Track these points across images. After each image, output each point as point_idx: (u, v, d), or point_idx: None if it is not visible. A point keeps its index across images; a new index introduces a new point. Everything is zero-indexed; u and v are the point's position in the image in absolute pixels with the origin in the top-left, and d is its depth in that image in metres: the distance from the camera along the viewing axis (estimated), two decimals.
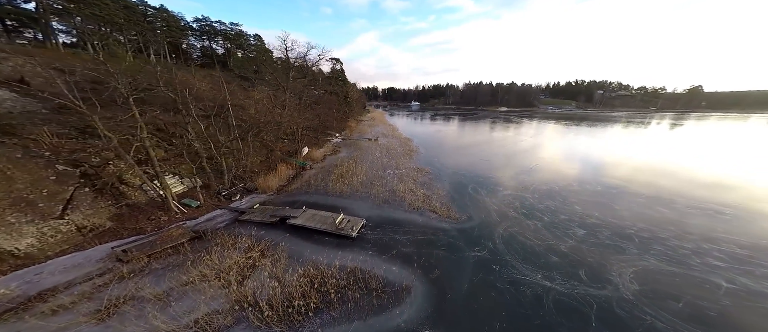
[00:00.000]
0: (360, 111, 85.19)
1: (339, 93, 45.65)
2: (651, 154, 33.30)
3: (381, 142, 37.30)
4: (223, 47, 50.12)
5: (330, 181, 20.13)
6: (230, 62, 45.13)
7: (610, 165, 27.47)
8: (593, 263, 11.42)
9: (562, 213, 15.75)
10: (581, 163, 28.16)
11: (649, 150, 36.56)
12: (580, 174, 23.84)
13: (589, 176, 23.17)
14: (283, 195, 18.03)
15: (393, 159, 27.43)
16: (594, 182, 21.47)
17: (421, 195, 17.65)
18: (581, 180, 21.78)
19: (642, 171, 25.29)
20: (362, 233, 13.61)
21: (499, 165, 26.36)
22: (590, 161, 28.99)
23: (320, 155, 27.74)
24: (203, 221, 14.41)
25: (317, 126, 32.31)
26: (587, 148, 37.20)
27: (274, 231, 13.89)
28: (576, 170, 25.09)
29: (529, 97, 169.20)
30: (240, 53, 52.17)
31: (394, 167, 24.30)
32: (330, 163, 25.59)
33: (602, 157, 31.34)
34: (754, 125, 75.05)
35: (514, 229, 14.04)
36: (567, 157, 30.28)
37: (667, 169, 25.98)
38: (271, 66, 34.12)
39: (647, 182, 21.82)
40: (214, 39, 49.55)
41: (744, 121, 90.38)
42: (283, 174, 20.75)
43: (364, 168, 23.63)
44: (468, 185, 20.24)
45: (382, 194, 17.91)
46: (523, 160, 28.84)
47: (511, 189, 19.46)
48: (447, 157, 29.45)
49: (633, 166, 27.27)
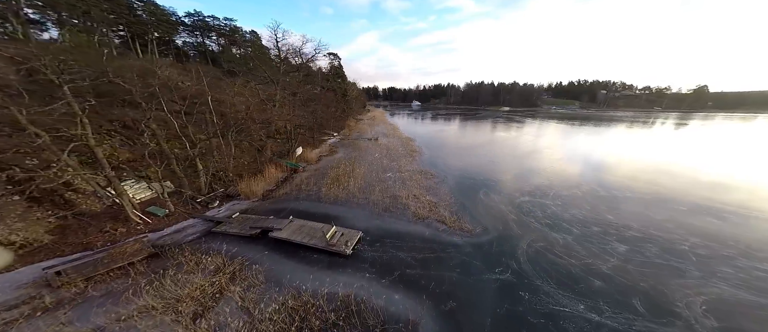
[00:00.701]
0: (360, 110, 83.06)
1: (337, 90, 43.41)
2: (671, 155, 30.97)
3: (381, 141, 35.06)
4: (217, 44, 48.05)
5: (324, 186, 17.85)
6: (223, 59, 43.04)
7: (631, 167, 25.14)
8: (648, 289, 9.12)
9: (594, 224, 13.43)
10: (599, 165, 25.83)
11: (666, 150, 34.23)
12: (602, 177, 21.51)
13: (612, 180, 20.85)
14: (269, 202, 15.76)
15: (394, 160, 25.16)
16: (620, 187, 19.13)
17: (426, 203, 15.36)
18: (605, 185, 19.46)
19: (670, 174, 22.95)
20: (358, 249, 11.34)
21: (510, 167, 24.05)
22: (609, 163, 26.66)
23: (315, 156, 25.51)
24: (169, 233, 12.15)
25: (313, 124, 30.15)
26: (601, 148, 34.87)
27: (252, 246, 11.63)
28: (596, 173, 22.77)
29: (532, 97, 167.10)
30: (235, 50, 50.12)
31: (396, 169, 22.02)
32: (325, 165, 23.34)
33: (620, 158, 29.00)
34: (763, 125, 72.62)
35: (540, 244, 11.73)
36: (583, 159, 27.95)
37: (697, 173, 23.63)
38: (266, 61, 32.16)
39: (680, 188, 19.47)
40: (207, 35, 47.52)
41: (750, 121, 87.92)
42: (271, 177, 18.50)
43: (363, 170, 21.36)
44: (478, 190, 17.95)
45: (382, 201, 15.63)
46: (535, 161, 26.52)
47: (528, 194, 17.15)
48: (452, 158, 27.16)
49: (657, 168, 24.94)
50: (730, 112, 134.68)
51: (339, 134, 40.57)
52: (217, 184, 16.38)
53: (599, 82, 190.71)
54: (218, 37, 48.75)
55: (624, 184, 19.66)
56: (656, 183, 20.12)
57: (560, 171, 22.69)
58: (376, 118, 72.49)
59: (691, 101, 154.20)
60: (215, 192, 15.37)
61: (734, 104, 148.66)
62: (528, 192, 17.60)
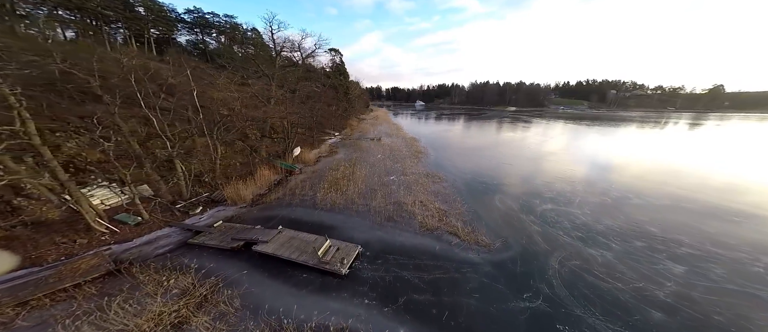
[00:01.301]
0: (362, 109, 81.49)
1: (338, 88, 41.67)
2: (703, 159, 28.47)
3: (384, 142, 33.26)
4: (217, 41, 46.99)
5: (320, 190, 16.11)
6: (223, 57, 41.84)
7: (661, 171, 22.86)
8: (727, 324, 7.12)
9: (635, 238, 11.39)
10: (624, 168, 23.59)
11: (695, 153, 31.70)
12: (631, 182, 19.31)
13: (642, 185, 18.65)
14: (258, 209, 14.07)
15: (398, 161, 23.33)
16: (655, 193, 16.93)
17: (435, 211, 13.47)
18: (636, 191, 17.28)
19: (707, 180, 20.63)
20: (356, 268, 9.54)
21: (525, 170, 21.99)
22: (635, 167, 24.39)
23: (313, 157, 23.83)
24: (138, 245, 10.53)
25: (312, 123, 28.55)
26: (622, 150, 32.47)
27: (232, 262, 9.94)
28: (622, 177, 20.56)
29: (539, 97, 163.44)
30: (236, 48, 48.98)
31: (400, 172, 20.18)
32: (324, 167, 21.63)
33: (646, 161, 26.67)
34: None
35: (575, 263, 9.77)
36: (604, 162, 25.67)
37: (737, 178, 21.24)
38: (266, 59, 30.75)
39: (725, 196, 17.19)
40: (207, 33, 46.49)
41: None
42: (263, 180, 16.84)
43: (364, 173, 19.57)
44: (493, 195, 15.99)
45: (385, 208, 13.80)
46: (552, 164, 24.39)
47: (550, 201, 15.13)
48: (461, 160, 25.20)
49: (693, 173, 22.60)
50: (747, 112, 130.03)
51: (340, 134, 38.94)
52: (202, 188, 14.78)
53: (608, 82, 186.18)
54: (218, 35, 47.70)
55: (658, 191, 17.44)
56: (695, 190, 17.86)
57: (582, 176, 20.55)
58: (379, 117, 70.80)
59: (706, 101, 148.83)
60: (198, 197, 13.75)
61: (751, 104, 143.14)
62: (550, 198, 15.57)
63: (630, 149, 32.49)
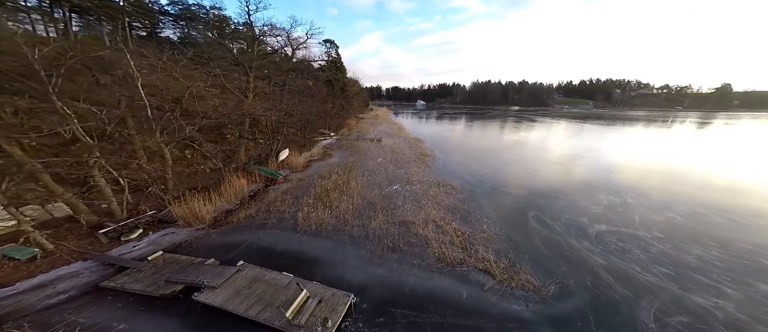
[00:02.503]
0: (362, 108, 78.22)
1: (334, 83, 38.03)
2: (754, 164, 25.01)
3: (385, 143, 29.84)
4: (203, 35, 43.68)
5: (304, 205, 12.65)
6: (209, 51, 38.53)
7: (718, 179, 19.39)
8: None
9: (752, 277, 7.93)
10: (672, 174, 20.13)
11: (740, 157, 28.24)
12: (692, 192, 15.77)
13: (709, 197, 15.14)
14: (219, 232, 10.64)
15: (402, 166, 19.92)
16: (735, 208, 13.36)
17: (455, 235, 10.02)
18: (707, 205, 13.75)
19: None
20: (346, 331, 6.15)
21: (555, 177, 18.53)
22: (684, 172, 20.93)
23: (303, 161, 20.43)
24: (21, 291, 7.12)
25: (303, 122, 25.20)
26: (653, 151, 29.02)
27: (161, 318, 6.59)
28: (678, 185, 17.06)
29: (542, 96, 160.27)
30: (227, 42, 45.66)
31: (405, 180, 16.76)
32: (314, 173, 18.22)
33: (690, 164, 23.22)
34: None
35: (680, 320, 6.38)
36: (644, 166, 22.12)
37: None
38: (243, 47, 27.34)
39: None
40: (194, 26, 43.20)
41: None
42: (234, 191, 13.41)
43: (361, 181, 16.12)
44: (525, 212, 12.53)
45: (387, 232, 10.36)
46: (584, 169, 20.95)
47: (603, 221, 11.65)
48: (474, 164, 21.77)
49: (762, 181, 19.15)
50: (758, 111, 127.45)
51: (337, 134, 35.56)
52: (150, 204, 11.36)
53: (613, 81, 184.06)
54: (205, 28, 44.42)
55: (737, 204, 13.84)
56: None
57: (627, 184, 17.06)
58: (380, 116, 67.48)
59: (715, 100, 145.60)
60: (138, 218, 10.31)
61: (761, 104, 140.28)
62: (600, 216, 12.11)
63: (663, 151, 29.02)
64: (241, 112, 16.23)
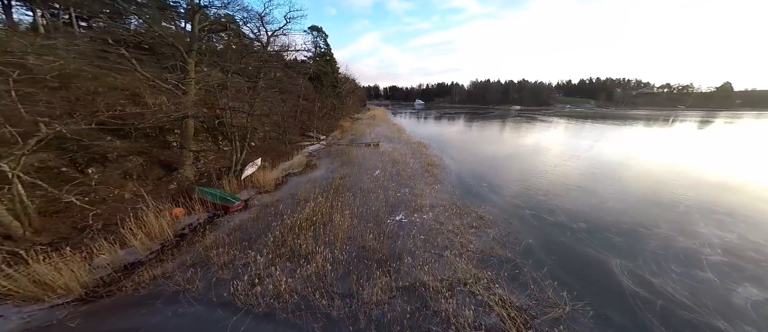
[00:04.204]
0: (358, 107, 73.48)
1: (322, 78, 32.90)
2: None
3: (384, 148, 25.19)
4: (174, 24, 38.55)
5: (258, 255, 8.00)
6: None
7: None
8: None
9: None
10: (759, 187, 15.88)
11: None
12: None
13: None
14: (91, 311, 5.95)
15: (405, 182, 15.36)
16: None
17: (505, 313, 5.44)
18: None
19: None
20: None
21: (613, 197, 14.05)
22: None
23: (276, 177, 15.71)
24: None
25: (283, 125, 20.51)
26: (701, 155, 24.86)
27: None
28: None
29: (543, 95, 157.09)
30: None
31: (412, 204, 12.16)
32: (288, 194, 13.55)
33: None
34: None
35: None
36: (729, 177, 17.90)
37: None
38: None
39: None
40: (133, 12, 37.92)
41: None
42: (152, 231, 8.70)
43: (351, 210, 11.41)
44: (605, 261, 8.00)
45: (390, 311, 5.78)
46: (644, 183, 16.60)
47: (738, 273, 7.21)
48: (499, 177, 17.30)
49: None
50: (761, 110, 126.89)
51: (327, 137, 30.88)
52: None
53: (612, 80, 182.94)
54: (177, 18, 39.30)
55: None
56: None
57: (728, 207, 12.70)
58: (377, 116, 62.81)
59: (719, 99, 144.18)
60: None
61: (763, 102, 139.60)
62: (728, 267, 7.64)
63: (735, 155, 24.87)
64: (166, 112, 11.39)
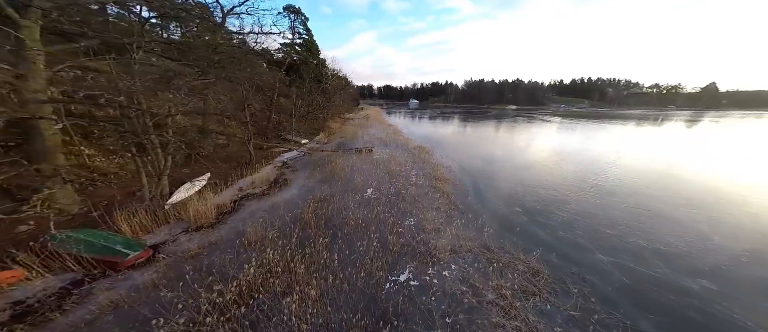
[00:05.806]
0: (350, 107, 68.75)
1: (303, 70, 27.62)
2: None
3: (378, 155, 20.71)
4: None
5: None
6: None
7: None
8: None
9: None
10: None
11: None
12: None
13: None
14: None
15: (409, 207, 10.95)
16: None
17: None
18: None
19: None
20: None
21: (707, 232, 10.22)
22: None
23: (225, 200, 11.12)
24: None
25: (251, 126, 15.84)
26: (731, 159, 21.64)
27: None
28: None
29: (538, 95, 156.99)
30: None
31: (422, 250, 7.79)
32: (230, 234, 8.90)
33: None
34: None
35: None
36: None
37: None
38: None
39: None
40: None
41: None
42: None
43: (326, 265, 6.99)
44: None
45: None
46: (717, 210, 12.85)
47: None
48: (535, 197, 13.19)
49: None
50: (745, 110, 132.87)
51: (310, 142, 26.23)
52: None
53: (603, 80, 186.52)
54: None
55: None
56: None
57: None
58: (371, 116, 58.25)
59: (706, 99, 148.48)
60: None
61: (747, 102, 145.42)
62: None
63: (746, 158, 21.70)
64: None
